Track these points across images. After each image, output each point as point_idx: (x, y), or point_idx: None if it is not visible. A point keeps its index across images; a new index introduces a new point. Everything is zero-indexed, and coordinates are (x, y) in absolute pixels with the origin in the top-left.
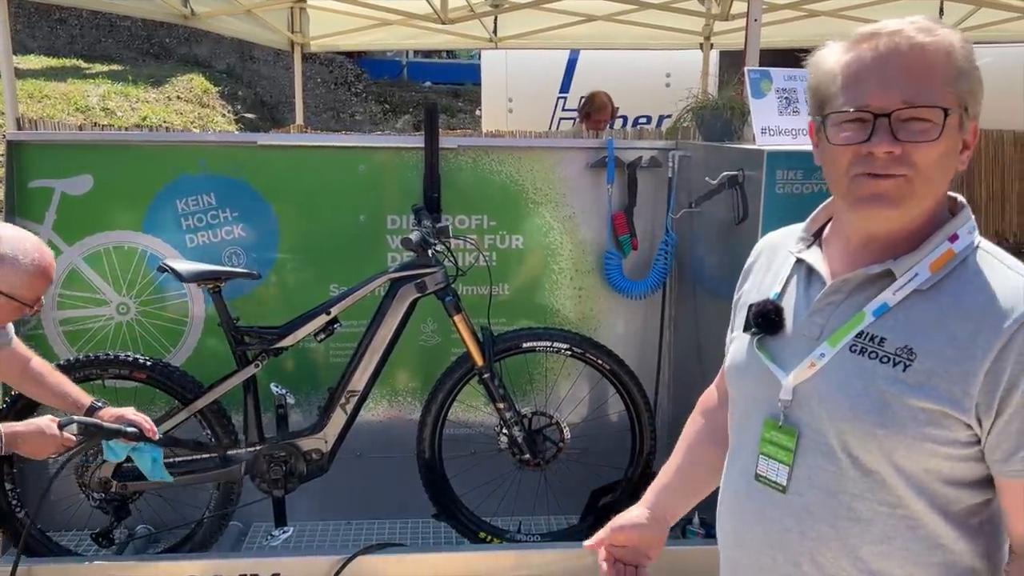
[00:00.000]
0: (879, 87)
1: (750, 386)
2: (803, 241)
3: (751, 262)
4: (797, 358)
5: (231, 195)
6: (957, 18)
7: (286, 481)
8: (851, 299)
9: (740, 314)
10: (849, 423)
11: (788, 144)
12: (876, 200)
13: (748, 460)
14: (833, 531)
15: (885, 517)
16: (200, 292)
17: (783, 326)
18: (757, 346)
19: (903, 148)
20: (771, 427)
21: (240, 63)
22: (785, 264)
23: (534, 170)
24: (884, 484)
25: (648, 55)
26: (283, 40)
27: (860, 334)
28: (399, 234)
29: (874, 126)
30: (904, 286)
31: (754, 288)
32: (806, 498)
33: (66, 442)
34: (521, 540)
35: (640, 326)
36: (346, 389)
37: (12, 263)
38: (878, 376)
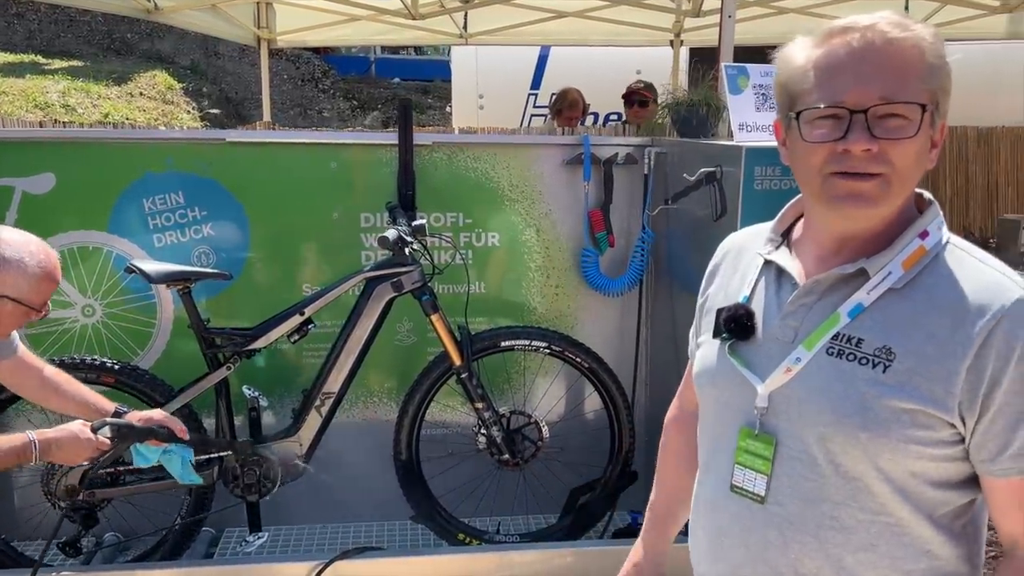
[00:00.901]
0: (855, 83)
1: (722, 394)
2: (771, 242)
3: (716, 263)
4: (771, 363)
5: (199, 193)
6: (923, 15)
7: (260, 486)
8: (824, 300)
9: (707, 318)
10: (831, 428)
11: (765, 140)
12: (852, 199)
13: (722, 470)
14: (816, 541)
15: (868, 524)
16: (168, 293)
17: (755, 331)
18: (729, 352)
19: (879, 145)
20: (746, 435)
21: (204, 59)
22: (752, 265)
23: (510, 167)
24: (867, 490)
25: (618, 52)
26: (249, 35)
27: (836, 336)
28: (373, 232)
29: (850, 123)
30: (878, 285)
31: (720, 291)
32: (786, 508)
33: (100, 446)
34: (500, 541)
35: (617, 324)
36: (321, 391)
37: (18, 267)
38: (858, 378)
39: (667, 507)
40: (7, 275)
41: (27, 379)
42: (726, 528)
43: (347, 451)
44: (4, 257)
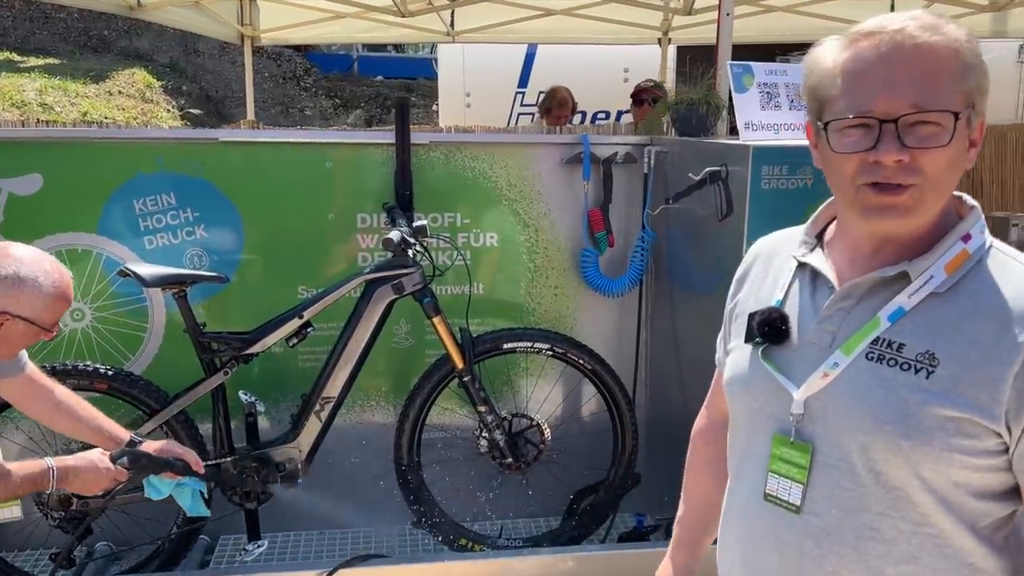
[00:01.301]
0: (884, 90)
1: (755, 400)
2: (805, 244)
3: (745, 269)
4: (807, 368)
5: (192, 194)
6: None
7: (259, 493)
8: (863, 304)
9: (737, 324)
10: (871, 435)
11: (771, 139)
12: (886, 212)
13: (755, 479)
14: (855, 552)
15: (910, 535)
16: (160, 296)
17: (790, 335)
18: (763, 357)
19: (911, 155)
20: (781, 443)
21: (184, 57)
22: (784, 269)
23: (508, 166)
24: (909, 500)
25: (606, 50)
26: (232, 33)
27: (876, 340)
28: (369, 233)
29: (880, 132)
30: (920, 289)
31: (751, 296)
32: (824, 518)
33: (118, 476)
34: (503, 545)
35: (617, 324)
36: (320, 395)
37: (34, 286)
38: (899, 384)
39: (697, 521)
40: (21, 295)
41: (35, 399)
42: (760, 539)
43: (344, 455)
44: (19, 276)
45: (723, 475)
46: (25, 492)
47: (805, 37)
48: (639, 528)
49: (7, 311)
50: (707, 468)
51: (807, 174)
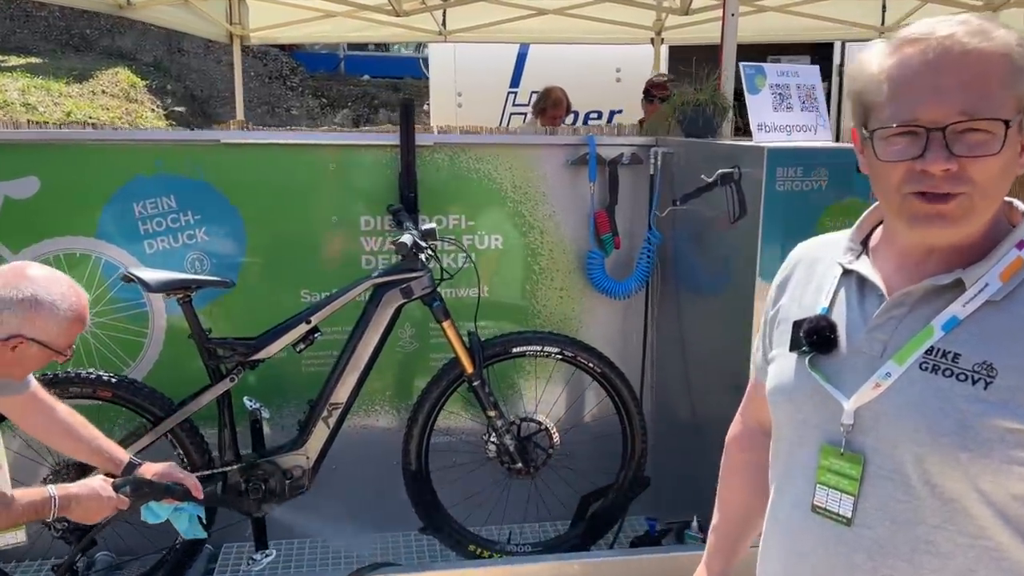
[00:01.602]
0: (932, 98)
1: (800, 410)
2: (851, 251)
3: (786, 275)
4: (857, 378)
5: (192, 197)
6: (902, 14)
7: (266, 501)
8: (915, 312)
9: (779, 331)
10: (927, 448)
11: (783, 141)
12: (934, 221)
13: (802, 490)
14: (909, 566)
15: (967, 549)
16: (161, 301)
17: (838, 344)
18: (810, 366)
19: (959, 163)
20: (830, 454)
21: (168, 56)
22: (829, 276)
23: (512, 168)
24: (966, 513)
25: (598, 50)
26: (221, 32)
27: (930, 350)
28: (374, 236)
29: (927, 140)
30: (975, 297)
31: (794, 303)
32: (876, 531)
33: (120, 504)
34: (512, 551)
35: (623, 327)
36: (328, 401)
37: (51, 310)
38: (956, 395)
39: (732, 530)
40: (38, 318)
41: (36, 416)
42: (807, 551)
43: (347, 461)
44: (37, 299)
45: (759, 482)
46: (27, 520)
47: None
48: (651, 533)
49: (22, 334)
50: (742, 476)
51: (822, 176)
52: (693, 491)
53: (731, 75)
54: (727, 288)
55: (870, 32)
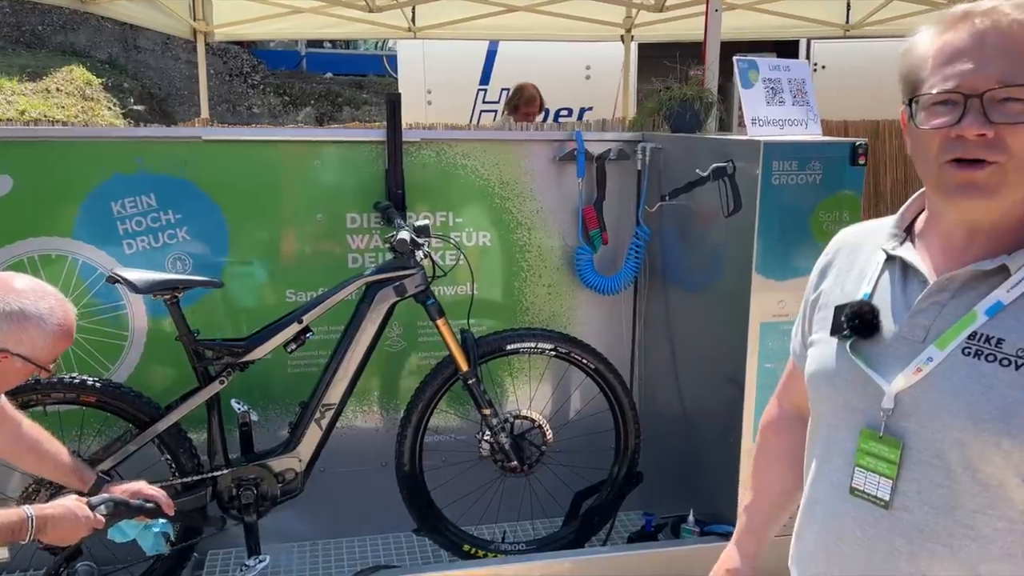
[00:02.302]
0: (972, 66)
1: (841, 394)
2: (895, 237)
3: (828, 260)
4: (899, 363)
5: (173, 195)
6: (866, 11)
7: (258, 505)
8: (958, 298)
9: (820, 316)
10: (968, 433)
11: (777, 135)
12: (966, 189)
13: (840, 473)
14: (948, 550)
15: (1007, 533)
16: (142, 303)
17: (880, 329)
18: (851, 351)
19: (996, 131)
20: (869, 438)
21: (124, 53)
22: (872, 262)
23: (500, 164)
24: (1007, 498)
25: (567, 47)
26: (185, 28)
27: (973, 335)
28: (360, 234)
29: (965, 107)
30: (1020, 283)
31: (836, 287)
32: (915, 515)
33: (95, 524)
34: (507, 550)
35: (612, 322)
36: (321, 402)
37: (38, 324)
38: (999, 380)
39: (767, 511)
40: (24, 333)
41: (2, 434)
42: (846, 533)
43: (337, 462)
44: (24, 313)
45: (795, 465)
46: (2, 543)
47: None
48: (647, 528)
49: (7, 349)
50: (779, 458)
51: (816, 169)
52: (683, 486)
53: (715, 71)
54: (720, 283)
55: (835, 30)
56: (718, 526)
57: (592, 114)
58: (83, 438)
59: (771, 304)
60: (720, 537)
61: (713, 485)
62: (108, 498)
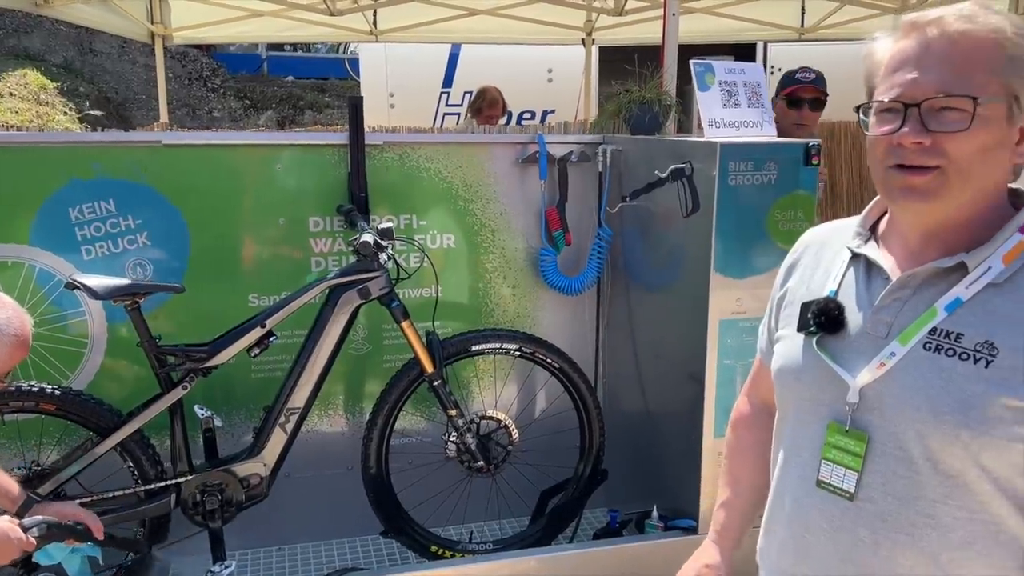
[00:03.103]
0: (914, 76)
1: (808, 389)
2: (859, 236)
3: (795, 259)
4: (862, 358)
5: (132, 201)
6: (821, 15)
7: (223, 511)
8: (919, 295)
9: (787, 312)
10: (929, 425)
11: (733, 136)
12: (907, 193)
13: (807, 466)
14: (910, 539)
15: (966, 522)
16: (101, 309)
17: (845, 325)
18: (817, 346)
19: (934, 138)
20: (836, 431)
21: (79, 57)
22: (837, 260)
23: (463, 166)
24: (967, 488)
25: (529, 50)
26: (142, 31)
27: (933, 331)
28: (323, 237)
29: (904, 116)
30: (978, 279)
31: (802, 285)
32: (879, 505)
33: (27, 546)
34: (474, 550)
35: (575, 323)
36: (285, 407)
37: None
38: (958, 374)
39: (743, 506)
40: None
41: None
42: (812, 525)
43: (303, 466)
44: None
45: (765, 460)
46: None
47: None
48: (612, 525)
49: None
50: (752, 453)
51: (771, 170)
52: (647, 482)
53: (673, 73)
54: (679, 281)
55: (791, 33)
56: (681, 520)
57: (555, 117)
58: (43, 447)
59: (729, 302)
60: (683, 532)
61: (675, 481)
62: (41, 520)
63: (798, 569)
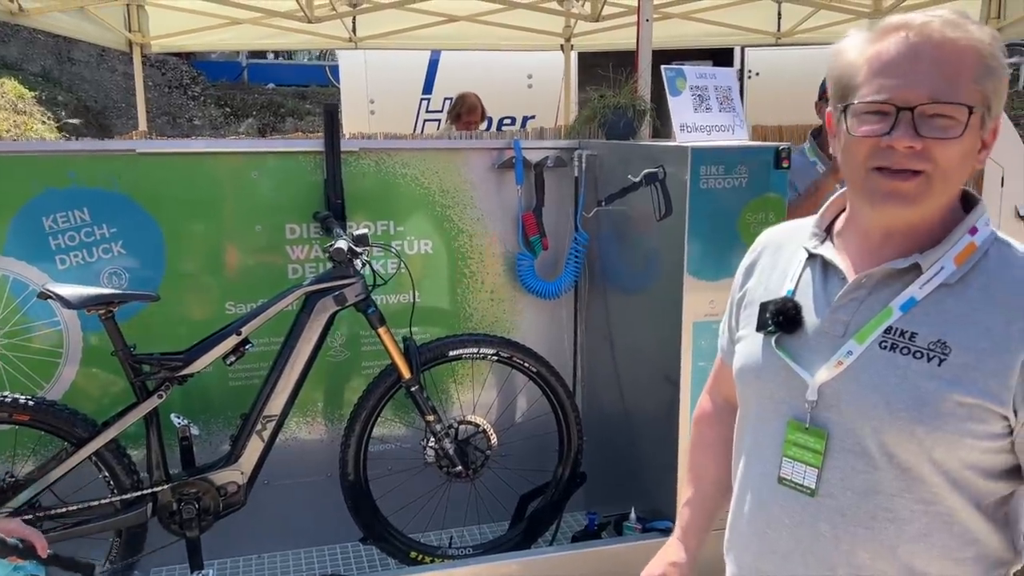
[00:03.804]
0: (906, 80)
1: (767, 387)
2: (816, 236)
3: (752, 260)
4: (820, 357)
5: (107, 209)
6: (796, 19)
7: (200, 520)
8: (875, 294)
9: (746, 312)
10: (885, 422)
11: (704, 140)
12: (892, 197)
13: (767, 463)
14: (869, 532)
15: (922, 514)
16: (76, 319)
17: (803, 324)
18: (776, 345)
19: (924, 144)
20: (796, 429)
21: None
22: (794, 260)
23: (439, 172)
24: (922, 481)
25: (509, 56)
26: (120, 40)
27: (889, 330)
28: (300, 244)
29: (896, 119)
30: (931, 280)
31: (760, 286)
32: (838, 500)
33: None
34: (453, 555)
35: (553, 327)
36: (262, 414)
37: None
38: (912, 372)
39: (708, 503)
40: None
41: None
42: (773, 521)
43: (282, 474)
44: None
45: (728, 458)
46: None
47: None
48: (591, 527)
49: None
50: (715, 450)
51: (742, 173)
52: (627, 484)
53: (647, 79)
54: (654, 284)
55: (767, 38)
56: (659, 522)
57: (535, 122)
58: (16, 458)
59: (703, 304)
60: (661, 533)
61: (653, 482)
62: None
63: (761, 563)
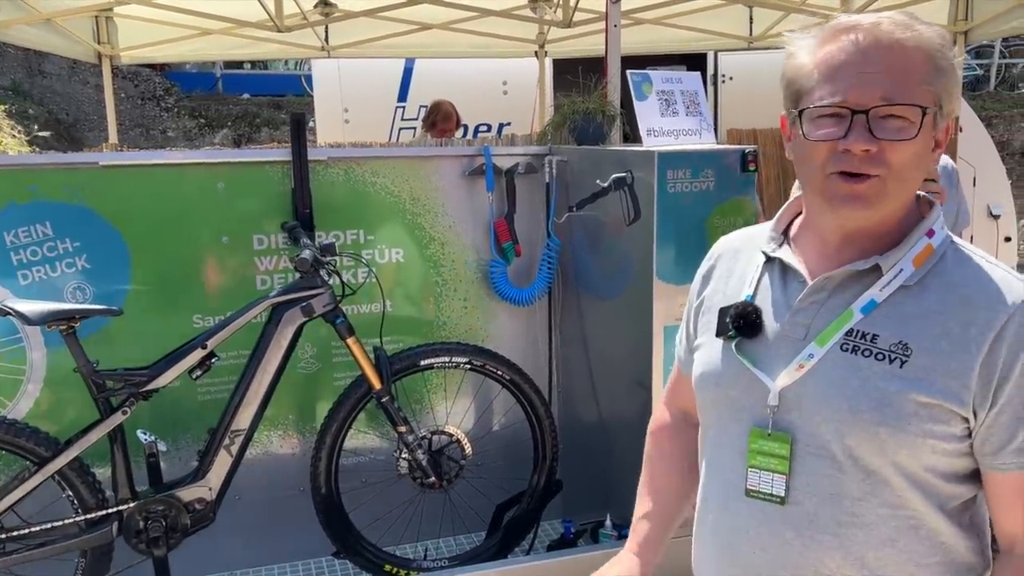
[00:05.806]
0: (858, 82)
1: (728, 394)
2: (773, 240)
3: (710, 266)
4: (781, 361)
5: (70, 223)
6: (768, 23)
7: (168, 538)
8: (835, 297)
9: (704, 320)
10: (848, 424)
11: (671, 144)
12: (850, 200)
13: (731, 473)
14: (836, 539)
15: (888, 519)
16: (39, 335)
17: (763, 328)
18: (736, 350)
19: (879, 146)
20: (758, 436)
21: (28, 79)
22: (752, 265)
23: (410, 180)
24: (887, 484)
25: (484, 63)
26: (89, 52)
27: (850, 332)
28: (268, 255)
29: (851, 122)
30: (891, 282)
31: (718, 292)
32: (805, 506)
33: None
34: (429, 567)
35: (527, 333)
36: (229, 429)
37: None
38: (874, 373)
39: (665, 516)
40: None
41: None
42: (740, 531)
43: (253, 489)
44: None
45: (687, 468)
46: None
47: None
48: (567, 535)
49: None
50: (670, 462)
51: (709, 176)
52: (603, 491)
53: (617, 84)
54: (626, 289)
55: (740, 42)
56: None
57: (511, 129)
58: None
59: (672, 308)
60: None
61: (628, 489)
62: None
63: (728, 573)
